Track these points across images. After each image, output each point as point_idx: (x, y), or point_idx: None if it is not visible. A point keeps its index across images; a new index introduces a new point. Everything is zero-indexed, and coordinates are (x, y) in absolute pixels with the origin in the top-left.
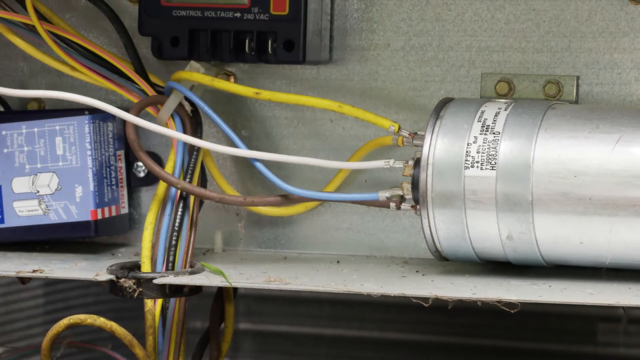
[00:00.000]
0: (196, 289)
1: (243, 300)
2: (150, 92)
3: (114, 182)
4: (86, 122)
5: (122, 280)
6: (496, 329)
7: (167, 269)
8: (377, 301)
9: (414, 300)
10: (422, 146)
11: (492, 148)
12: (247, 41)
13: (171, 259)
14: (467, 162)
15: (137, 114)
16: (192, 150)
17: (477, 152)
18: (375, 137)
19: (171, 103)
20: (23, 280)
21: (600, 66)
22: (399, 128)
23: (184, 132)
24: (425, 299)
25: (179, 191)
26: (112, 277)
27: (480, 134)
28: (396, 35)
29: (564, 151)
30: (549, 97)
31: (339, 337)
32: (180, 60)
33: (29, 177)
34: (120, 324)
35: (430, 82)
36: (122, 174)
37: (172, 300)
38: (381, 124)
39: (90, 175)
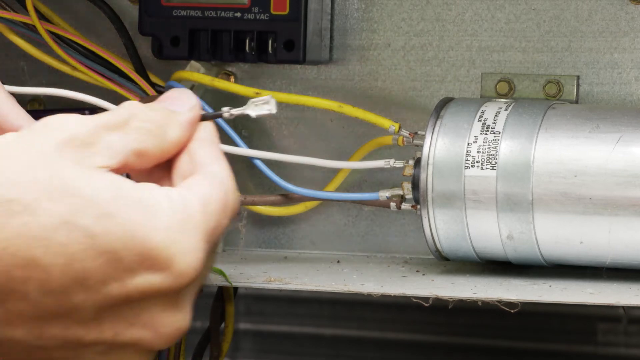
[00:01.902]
0: None
1: (243, 300)
2: (151, 92)
3: None
4: None
5: None
6: (496, 329)
7: None
8: (377, 301)
9: (414, 300)
10: (422, 146)
11: (493, 148)
12: (247, 41)
13: None
14: (467, 161)
15: None
16: None
17: (478, 152)
18: (375, 137)
19: None
20: None
21: (600, 66)
22: (399, 128)
23: None
24: (426, 299)
25: None
26: None
27: (481, 133)
28: (396, 35)
29: (565, 151)
30: (550, 97)
31: (339, 337)
32: (181, 60)
33: None
34: None
35: (431, 82)
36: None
37: None
38: (381, 123)
39: None
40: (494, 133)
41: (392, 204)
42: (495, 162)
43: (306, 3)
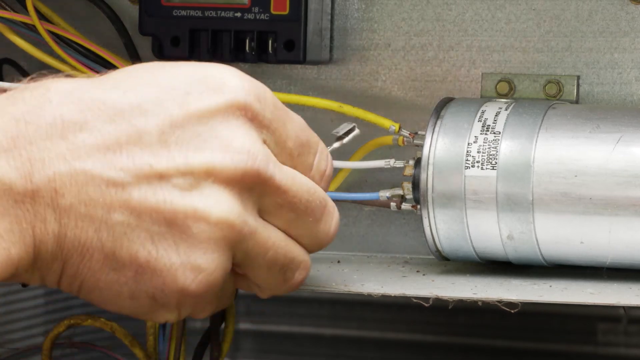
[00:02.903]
0: None
1: (243, 300)
2: None
3: None
4: None
5: None
6: (496, 329)
7: None
8: (377, 301)
9: (415, 300)
10: (422, 146)
11: (493, 148)
12: (247, 41)
13: None
14: (467, 161)
15: None
16: None
17: (478, 152)
18: (376, 137)
19: None
20: None
21: (600, 66)
22: (400, 128)
23: None
24: (426, 299)
25: None
26: None
27: (481, 133)
28: (397, 35)
29: (565, 151)
30: (550, 97)
31: (339, 337)
32: (181, 60)
33: None
34: (121, 324)
35: (431, 82)
36: None
37: None
38: (381, 123)
39: None
40: (494, 133)
41: (393, 204)
42: (496, 162)
43: (306, 3)
